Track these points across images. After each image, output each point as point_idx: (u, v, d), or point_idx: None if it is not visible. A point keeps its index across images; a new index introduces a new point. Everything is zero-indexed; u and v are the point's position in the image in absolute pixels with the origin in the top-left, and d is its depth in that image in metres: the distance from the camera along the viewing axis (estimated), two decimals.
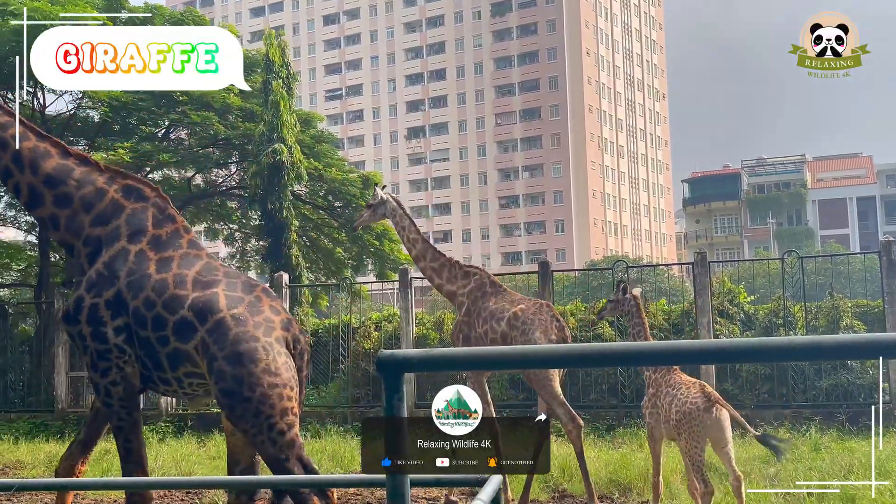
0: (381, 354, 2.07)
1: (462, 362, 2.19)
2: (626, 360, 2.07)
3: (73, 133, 22.87)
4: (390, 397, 2.13)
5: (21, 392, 20.27)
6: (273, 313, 6.22)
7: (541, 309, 9.79)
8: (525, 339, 9.43)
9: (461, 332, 9.99)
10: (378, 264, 24.86)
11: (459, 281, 10.28)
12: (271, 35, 20.85)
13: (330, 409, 17.37)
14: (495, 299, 9.91)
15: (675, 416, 7.39)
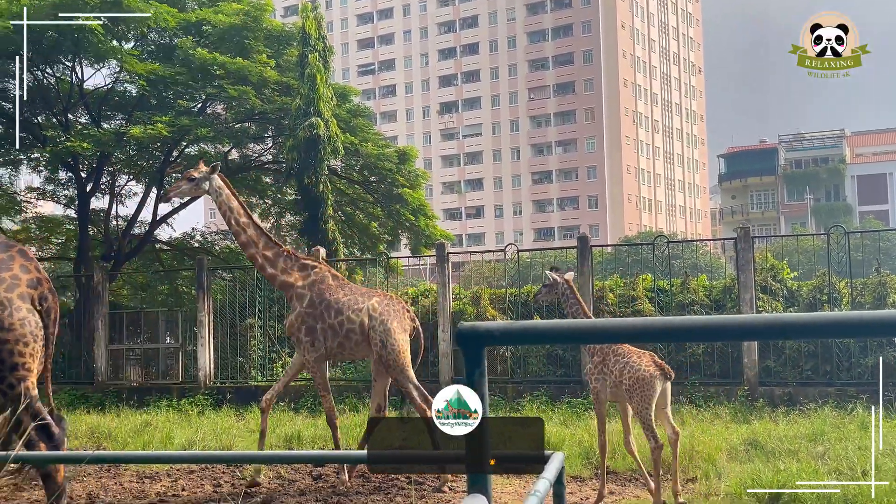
0: (462, 326, 1.96)
1: (546, 335, 2.08)
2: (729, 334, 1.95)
3: (110, 107, 22.96)
4: (471, 372, 2.02)
5: (62, 364, 20.50)
6: (22, 272, 6.47)
7: (392, 301, 10.45)
8: (384, 328, 10.05)
9: (304, 323, 10.12)
10: (413, 239, 24.77)
11: (297, 273, 10.30)
12: (307, 8, 20.70)
13: (367, 384, 17.36)
14: (343, 292, 10.26)
15: (627, 382, 8.32)
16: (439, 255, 17.69)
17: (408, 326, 10.41)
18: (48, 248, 27.66)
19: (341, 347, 10.17)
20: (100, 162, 22.86)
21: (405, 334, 10.36)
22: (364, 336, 10.06)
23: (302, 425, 13.98)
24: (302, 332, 10.07)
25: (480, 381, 2.03)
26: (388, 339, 10.08)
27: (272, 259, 10.18)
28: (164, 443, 12.19)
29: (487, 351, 2.05)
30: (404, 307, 10.53)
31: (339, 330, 10.04)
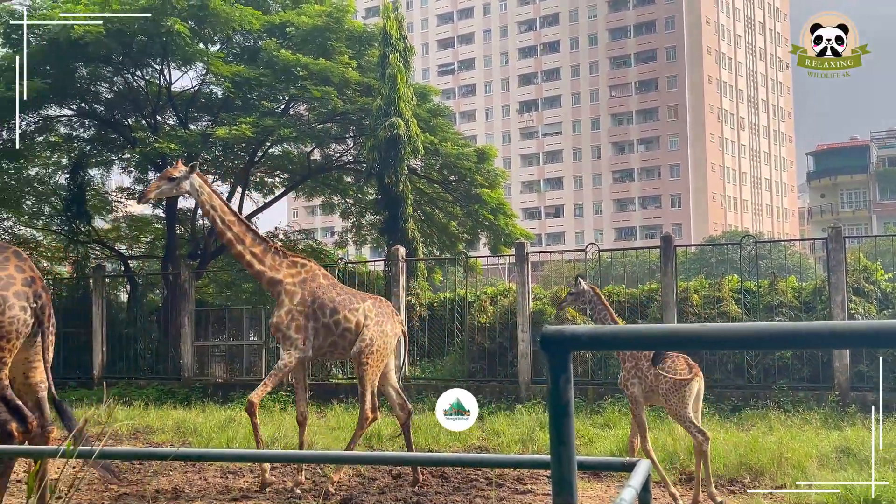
0: (547, 330, 1.88)
1: (635, 340, 1.98)
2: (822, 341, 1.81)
3: (196, 109, 23.50)
4: (556, 378, 1.93)
5: (150, 360, 21.07)
6: (17, 272, 7.00)
7: (383, 304, 10.46)
8: (379, 329, 10.06)
9: (294, 320, 9.91)
10: (492, 239, 24.68)
11: (286, 269, 10.11)
12: (388, 8, 20.79)
13: (446, 383, 17.36)
14: (336, 291, 10.18)
15: (664, 385, 8.58)
16: (518, 254, 17.58)
17: (397, 330, 10.48)
18: (137, 247, 28.47)
19: (333, 346, 10.07)
20: (187, 162, 23.34)
21: (393, 338, 10.41)
22: (357, 336, 10.03)
23: (381, 423, 14.03)
24: (291, 329, 9.85)
25: (566, 388, 1.95)
26: (378, 340, 10.08)
27: (260, 255, 10.00)
28: (248, 439, 12.37)
29: None
30: (393, 311, 10.61)
31: (335, 328, 9.96)
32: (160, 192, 10.04)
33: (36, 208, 26.89)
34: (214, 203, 9.96)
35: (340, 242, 30.49)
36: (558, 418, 1.96)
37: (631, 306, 16.95)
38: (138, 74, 22.64)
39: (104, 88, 22.86)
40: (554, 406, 1.95)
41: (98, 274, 21.38)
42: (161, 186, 9.93)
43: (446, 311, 18.91)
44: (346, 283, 19.47)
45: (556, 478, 2.00)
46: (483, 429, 13.73)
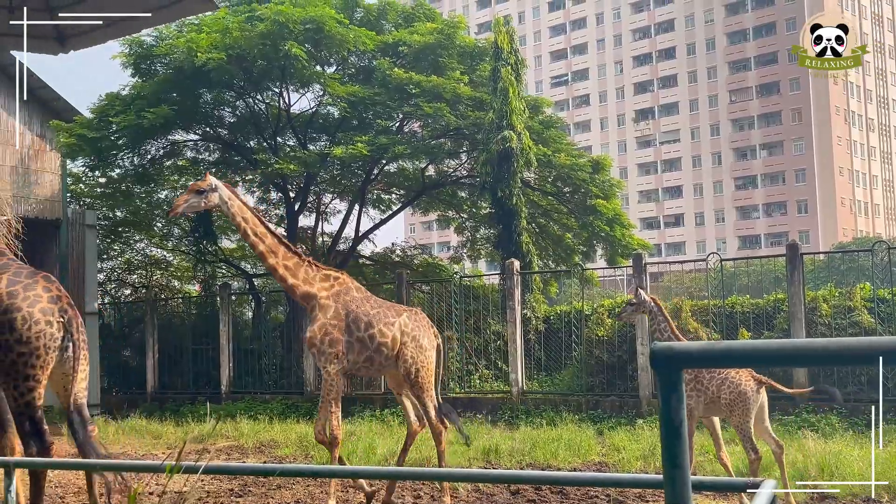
0: (656, 347, 1.81)
1: (751, 357, 1.88)
2: None
3: (314, 129, 24.10)
4: (667, 397, 1.85)
5: (274, 375, 21.65)
6: (44, 291, 7.52)
7: (418, 316, 10.24)
8: (416, 344, 9.89)
9: (328, 334, 9.67)
10: (609, 250, 24.31)
11: (319, 283, 9.87)
12: (499, 22, 20.82)
13: (564, 397, 17.20)
14: (370, 304, 9.96)
15: (727, 397, 8.65)
16: (636, 265, 17.26)
17: (434, 343, 10.27)
18: (261, 265, 29.32)
19: (369, 361, 9.89)
20: (306, 182, 24.03)
21: (433, 351, 10.23)
22: (394, 351, 9.87)
23: (499, 438, 13.98)
24: (326, 343, 9.69)
25: (678, 407, 1.87)
26: (420, 356, 9.93)
27: (293, 268, 9.80)
28: (367, 453, 12.54)
29: None
30: (429, 323, 10.42)
31: (370, 343, 9.77)
32: (189, 206, 9.80)
33: (166, 230, 28.12)
34: (245, 215, 9.74)
35: (456, 257, 30.65)
36: (671, 439, 1.88)
37: (756, 317, 16.37)
38: (259, 98, 23.40)
39: (227, 113, 23.73)
40: (666, 426, 1.87)
41: (225, 292, 22.14)
42: (189, 200, 9.71)
43: (563, 324, 18.73)
44: (462, 297, 19.60)
45: (670, 502, 1.91)
46: (603, 444, 13.50)
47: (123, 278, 28.66)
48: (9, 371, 7.25)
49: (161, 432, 16.70)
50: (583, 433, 14.14)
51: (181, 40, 20.80)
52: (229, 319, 21.58)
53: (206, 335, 22.40)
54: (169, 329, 23.58)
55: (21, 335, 7.26)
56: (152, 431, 16.93)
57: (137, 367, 23.89)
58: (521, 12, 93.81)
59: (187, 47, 20.11)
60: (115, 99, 21.98)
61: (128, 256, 28.54)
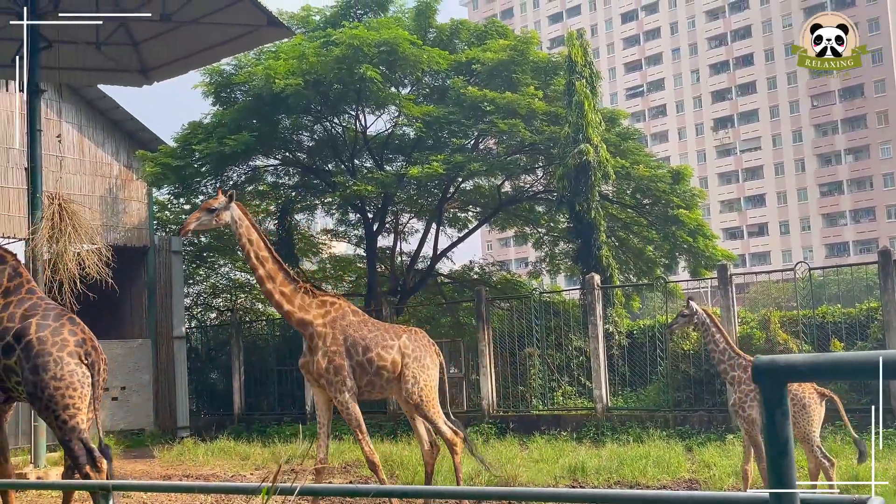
0: (759, 361, 1.72)
1: (862, 369, 1.78)
2: None
3: (391, 150, 24.31)
4: (771, 412, 1.76)
5: None
6: (70, 335, 8.24)
7: (418, 335, 10.14)
8: (419, 364, 9.85)
9: (332, 361, 9.65)
10: (692, 261, 23.82)
11: (315, 310, 9.80)
12: (573, 35, 20.69)
13: (650, 413, 16.87)
14: (368, 328, 9.91)
15: (792, 409, 7.81)
16: (721, 276, 16.87)
17: (436, 361, 10.19)
18: (342, 286, 29.69)
19: (370, 385, 9.85)
20: (384, 202, 24.23)
21: (435, 370, 10.13)
22: (395, 374, 9.81)
23: (585, 455, 13.78)
24: (331, 371, 9.68)
25: (783, 423, 1.77)
26: (422, 376, 9.84)
27: (289, 295, 9.79)
28: (451, 472, 12.47)
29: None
30: (430, 341, 10.32)
31: (369, 367, 9.76)
32: (200, 224, 9.81)
33: None
34: (252, 237, 9.79)
35: (534, 272, 30.47)
36: (777, 458, 1.78)
37: (849, 327, 15.81)
38: (336, 121, 23.73)
39: (305, 137, 24.12)
40: (771, 444, 1.78)
41: None
42: (201, 218, 9.76)
43: (647, 338, 18.40)
44: (542, 313, 19.43)
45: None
46: (693, 461, 13.18)
47: (209, 302, 29.32)
48: (48, 405, 8.09)
49: (249, 453, 16.95)
50: (671, 450, 13.83)
51: (259, 68, 21.25)
52: None
53: (289, 356, 22.68)
54: (254, 351, 23.98)
55: (55, 374, 8.08)
56: (240, 452, 17.19)
57: (224, 389, 24.35)
58: (593, 25, 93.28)
59: (265, 74, 20.53)
60: (197, 127, 22.57)
61: (213, 281, 29.19)
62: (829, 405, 9.09)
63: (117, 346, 21.03)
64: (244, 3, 15.67)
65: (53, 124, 20.69)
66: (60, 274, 14.22)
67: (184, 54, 17.67)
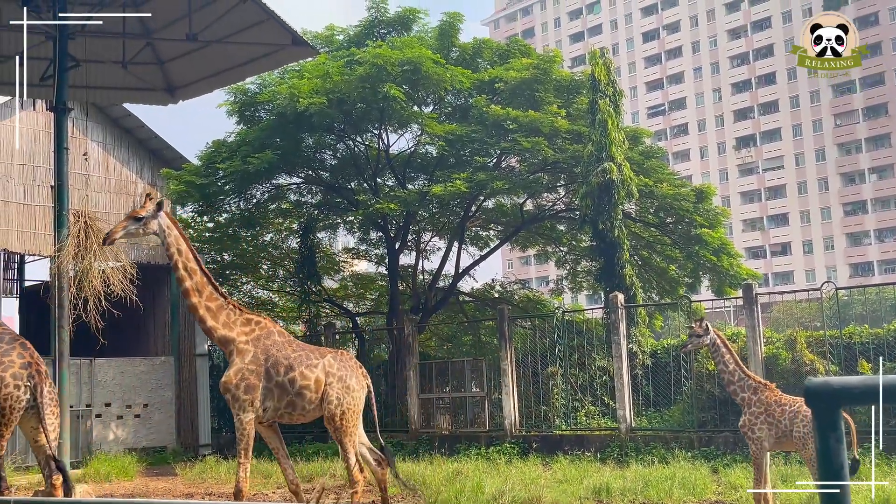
0: (811, 383, 1.67)
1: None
2: None
3: (413, 169, 24.35)
4: (825, 437, 1.71)
5: (379, 412, 21.68)
6: (18, 358, 8.87)
7: (345, 357, 9.93)
8: (343, 385, 9.61)
9: (244, 380, 9.40)
10: (716, 281, 23.64)
11: (239, 327, 9.58)
12: (595, 54, 20.67)
13: (675, 434, 16.70)
14: (292, 348, 9.68)
15: (801, 431, 8.74)
16: (747, 296, 16.72)
17: (363, 383, 9.94)
18: (363, 304, 29.69)
19: (291, 406, 9.56)
20: (406, 221, 24.24)
21: (362, 392, 9.90)
22: (318, 394, 9.54)
23: (610, 476, 13.64)
24: (241, 389, 9.40)
25: (837, 449, 1.72)
26: (346, 397, 9.62)
27: (215, 310, 9.58)
28: (475, 492, 12.38)
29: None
30: (357, 363, 10.08)
31: (291, 387, 9.48)
32: (126, 233, 9.59)
33: (271, 272, 28.74)
34: (181, 247, 9.61)
35: (556, 291, 30.35)
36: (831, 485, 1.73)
37: (876, 347, 15.60)
38: (359, 140, 23.80)
39: (328, 155, 24.21)
40: (825, 471, 1.73)
41: (329, 331, 22.42)
42: (128, 227, 9.53)
43: (671, 358, 18.24)
44: (564, 332, 19.32)
45: None
46: (719, 482, 13.01)
47: None
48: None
49: (270, 472, 16.89)
50: (696, 471, 13.66)
51: (283, 87, 21.38)
52: None
53: None
54: None
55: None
56: (262, 471, 17.14)
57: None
58: (614, 44, 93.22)
59: (289, 93, 20.65)
60: (221, 146, 22.71)
61: (235, 298, 29.20)
62: None
63: (140, 364, 21.11)
64: (269, 22, 15.76)
65: (80, 142, 20.89)
66: (86, 291, 14.26)
67: (209, 73, 17.76)
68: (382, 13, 23.68)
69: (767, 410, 9.10)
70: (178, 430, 22.31)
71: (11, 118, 20.48)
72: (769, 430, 9.06)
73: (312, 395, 9.55)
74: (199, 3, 15.33)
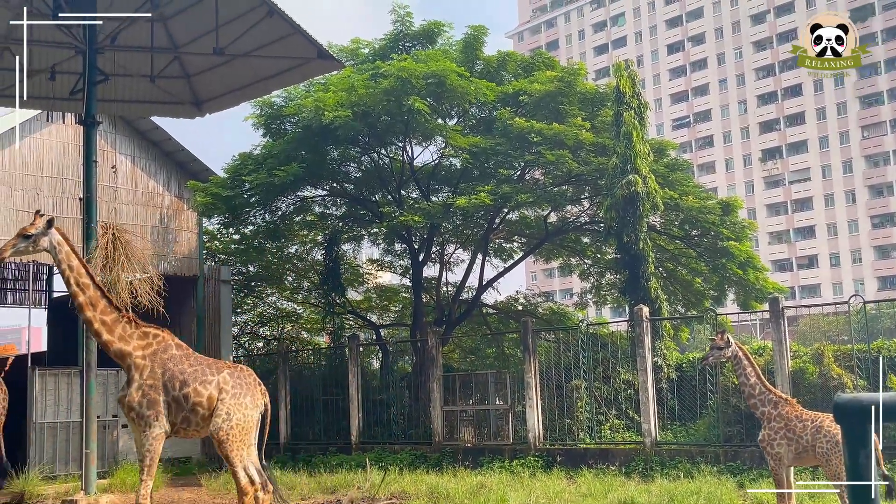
0: (840, 399, 1.67)
1: None
2: None
3: (437, 181, 24.40)
4: (854, 453, 1.71)
5: (403, 425, 21.72)
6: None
7: (243, 373, 9.75)
8: (236, 402, 9.48)
9: (145, 396, 9.35)
10: (741, 294, 23.46)
11: (136, 341, 9.53)
12: (620, 66, 20.63)
13: (700, 448, 16.57)
14: (189, 362, 9.58)
15: (824, 446, 8.67)
16: (773, 309, 16.58)
17: (259, 402, 9.82)
18: (387, 316, 29.74)
19: (186, 422, 9.52)
20: (430, 233, 24.29)
21: (257, 411, 9.77)
22: (211, 411, 9.49)
23: (635, 491, 13.56)
24: (144, 405, 9.36)
25: (867, 465, 1.72)
26: (236, 414, 9.51)
27: (110, 324, 9.57)
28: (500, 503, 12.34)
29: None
30: (256, 380, 9.93)
31: (185, 403, 9.44)
32: (16, 251, 9.54)
33: (296, 283, 28.90)
34: (72, 263, 9.60)
35: (580, 304, 30.25)
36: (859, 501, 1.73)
37: None
38: (383, 153, 23.91)
39: (353, 168, 24.32)
40: (854, 489, 1.73)
41: (353, 343, 22.47)
42: (17, 244, 9.47)
43: (696, 371, 18.11)
44: (589, 345, 19.24)
45: None
46: (745, 497, 12.90)
47: (256, 331, 29.53)
48: None
49: (295, 483, 16.94)
50: (722, 486, 13.55)
51: (309, 100, 21.52)
52: (358, 370, 21.85)
53: (335, 385, 22.74)
54: (300, 380, 24.06)
55: None
56: (286, 482, 17.18)
57: (270, 417, 24.35)
58: (639, 56, 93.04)
59: (315, 106, 20.79)
60: (247, 158, 22.88)
61: (260, 310, 29.42)
62: None
63: None
64: (295, 36, 15.91)
65: (108, 155, 21.13)
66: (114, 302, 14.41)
67: (236, 87, 17.96)
68: (407, 27, 23.80)
69: (787, 426, 9.11)
70: (203, 441, 22.39)
71: (41, 132, 20.77)
72: (788, 445, 9.05)
73: (205, 411, 9.55)
74: (225, 18, 15.52)
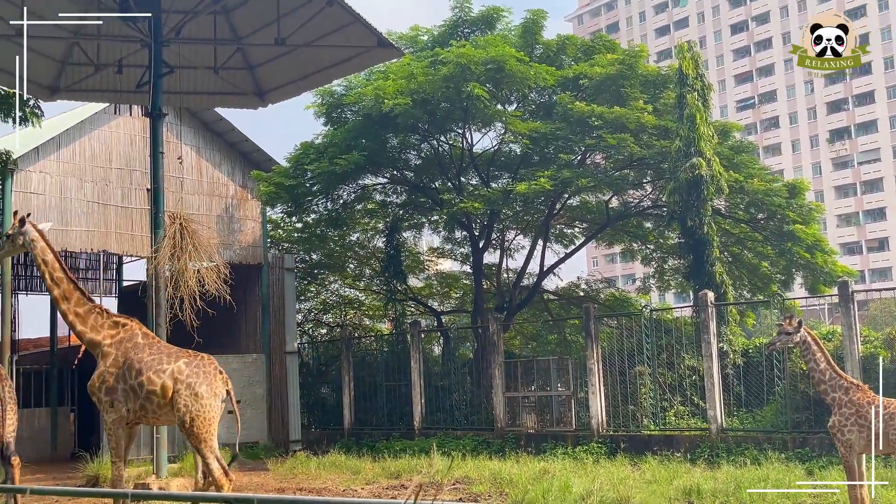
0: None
1: None
2: None
3: (497, 167, 24.34)
4: None
5: (465, 411, 21.82)
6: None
7: (203, 362, 9.67)
8: (191, 391, 9.45)
9: (104, 382, 9.60)
10: (810, 278, 22.97)
11: (106, 331, 9.78)
12: (683, 48, 20.27)
13: (768, 435, 16.32)
14: (150, 351, 9.64)
15: (887, 424, 8.69)
16: (843, 293, 16.21)
17: (220, 391, 9.79)
18: (448, 303, 29.85)
19: (143, 410, 9.70)
20: (490, 219, 24.26)
21: (216, 399, 9.72)
22: (167, 399, 9.57)
23: (700, 478, 13.41)
24: (102, 391, 9.70)
25: None
26: (195, 405, 9.52)
27: (83, 316, 9.94)
28: (563, 491, 12.33)
29: None
30: (216, 368, 9.88)
31: (140, 391, 9.60)
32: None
33: (358, 271, 29.17)
34: (47, 258, 10.04)
35: (643, 289, 29.95)
36: None
37: None
38: (442, 140, 23.93)
39: (413, 156, 24.40)
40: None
41: (415, 329, 22.61)
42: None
43: (763, 357, 17.81)
44: (652, 331, 19.04)
45: None
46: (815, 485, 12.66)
47: (319, 318, 29.91)
48: None
49: (359, 468, 17.16)
50: (790, 473, 13.34)
51: (369, 88, 21.64)
52: (420, 356, 21.99)
53: (397, 371, 22.93)
54: (363, 366, 24.32)
55: None
56: (351, 467, 17.43)
57: (334, 403, 24.74)
58: (701, 37, 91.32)
59: (375, 94, 20.90)
60: (309, 147, 23.12)
61: (323, 297, 29.78)
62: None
63: (233, 361, 21.65)
64: (356, 25, 15.99)
65: (173, 146, 21.54)
66: (181, 290, 14.75)
67: (298, 76, 18.14)
68: (466, 13, 23.73)
69: (859, 412, 8.95)
70: (270, 426, 22.81)
71: (109, 124, 21.26)
72: (860, 431, 8.89)
73: (160, 399, 9.70)
74: (286, 8, 15.68)
